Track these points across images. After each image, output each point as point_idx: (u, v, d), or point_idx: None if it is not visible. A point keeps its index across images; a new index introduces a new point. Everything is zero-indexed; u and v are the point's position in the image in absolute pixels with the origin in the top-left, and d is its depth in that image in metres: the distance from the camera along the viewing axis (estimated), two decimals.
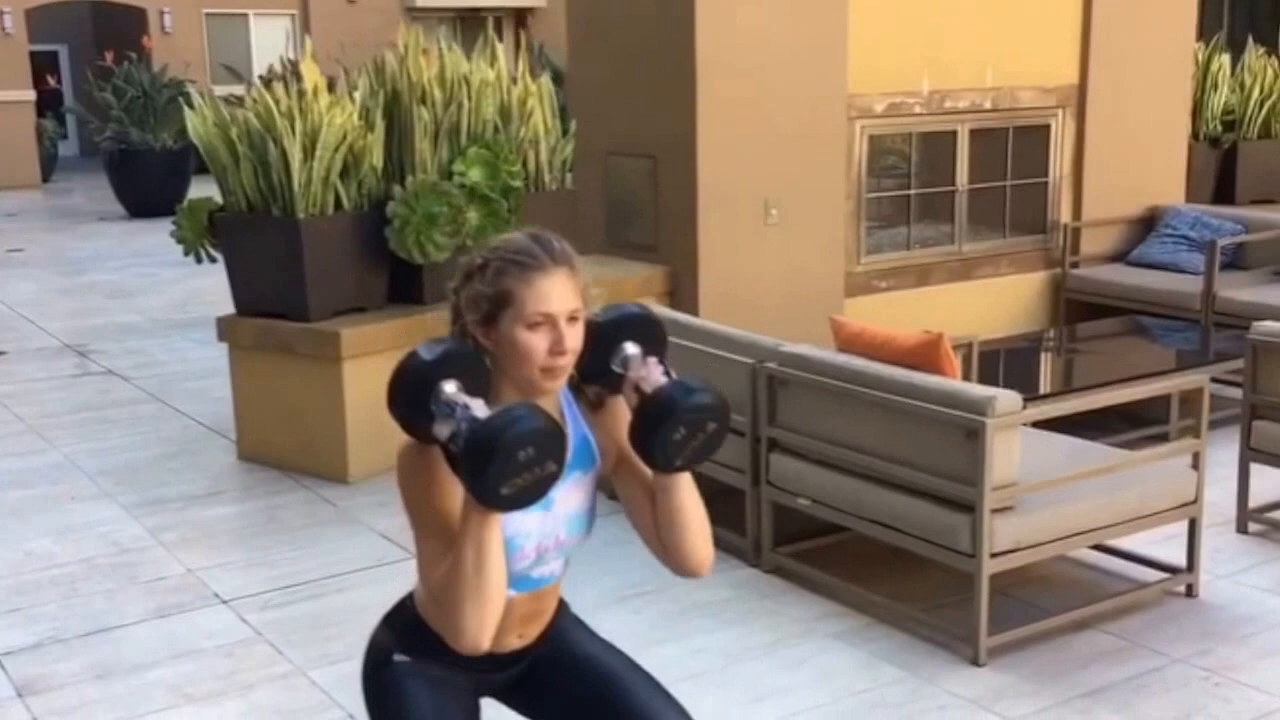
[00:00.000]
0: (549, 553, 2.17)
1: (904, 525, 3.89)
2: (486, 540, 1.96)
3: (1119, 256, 7.66)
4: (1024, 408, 3.75)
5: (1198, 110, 8.17)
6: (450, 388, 1.99)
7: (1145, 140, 7.79)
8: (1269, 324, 4.61)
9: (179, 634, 4.15)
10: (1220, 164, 8.47)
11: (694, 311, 6.39)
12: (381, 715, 2.29)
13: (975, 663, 3.72)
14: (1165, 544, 4.23)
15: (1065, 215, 7.63)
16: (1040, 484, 3.77)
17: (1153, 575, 4.18)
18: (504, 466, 1.87)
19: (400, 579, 4.48)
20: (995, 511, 3.66)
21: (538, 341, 2.05)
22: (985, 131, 7.32)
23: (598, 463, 2.21)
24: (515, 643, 2.24)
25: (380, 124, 5.71)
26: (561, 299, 2.05)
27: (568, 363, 2.08)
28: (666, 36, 6.46)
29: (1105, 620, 3.96)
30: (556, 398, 2.17)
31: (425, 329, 5.75)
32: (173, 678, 3.85)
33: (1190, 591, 4.13)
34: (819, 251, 6.78)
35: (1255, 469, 4.61)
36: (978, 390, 3.71)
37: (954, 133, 7.24)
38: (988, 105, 7.26)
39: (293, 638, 4.09)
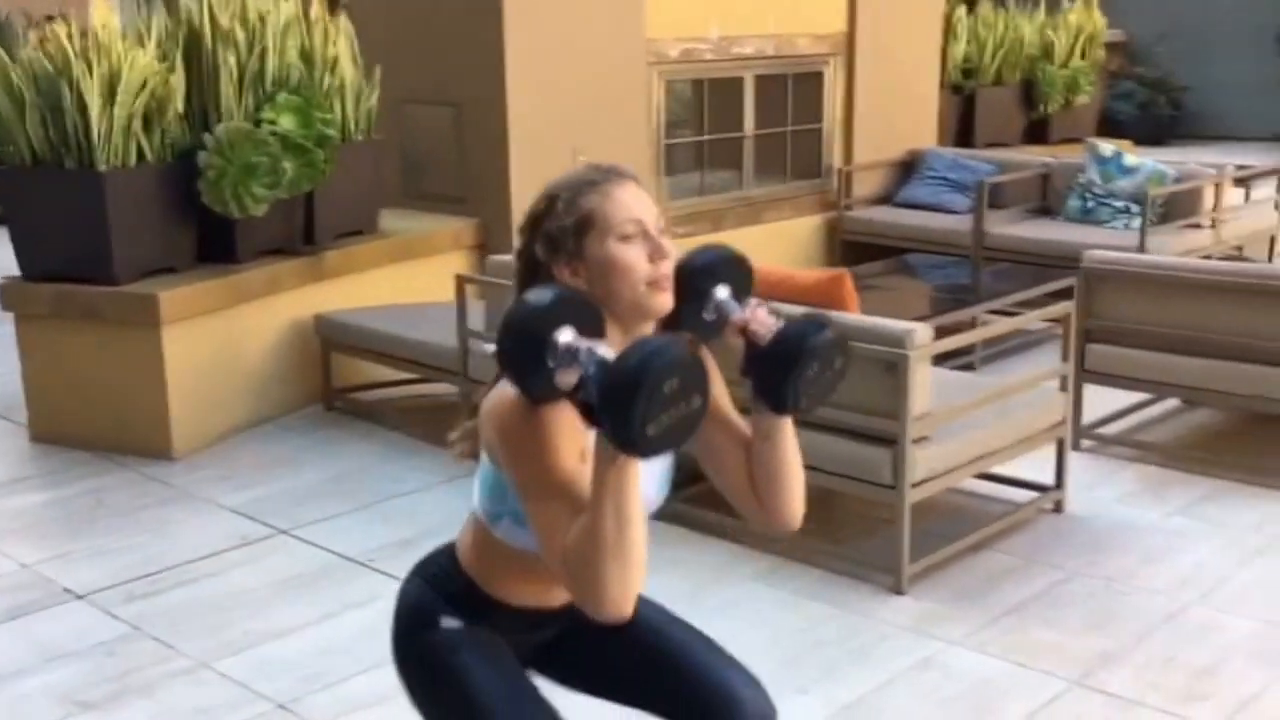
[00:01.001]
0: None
1: (821, 463, 3.84)
2: (627, 494, 1.74)
3: (886, 198, 7.92)
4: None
5: (942, 60, 8.51)
6: (567, 335, 1.76)
7: (904, 87, 8.06)
8: (1100, 253, 4.85)
9: (43, 636, 3.65)
10: (961, 110, 8.88)
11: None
12: (433, 684, 2.07)
13: (898, 591, 3.75)
14: (1022, 464, 4.37)
15: (838, 160, 7.81)
16: (950, 413, 3.82)
17: (1022, 495, 4.33)
18: (650, 403, 1.65)
19: (275, 554, 4.18)
20: (914, 442, 3.69)
21: (635, 254, 1.89)
22: (769, 78, 7.39)
23: None
24: (562, 596, 2.03)
25: (180, 67, 5.17)
26: (646, 207, 1.94)
27: (670, 271, 1.91)
28: None
29: (995, 541, 4.07)
30: None
31: (246, 288, 5.30)
32: (56, 684, 3.38)
33: (1058, 508, 4.30)
34: None
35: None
36: (896, 324, 3.70)
37: (741, 79, 7.26)
38: (770, 52, 7.32)
39: (179, 629, 3.67)
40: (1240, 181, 7.54)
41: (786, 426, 1.98)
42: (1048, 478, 4.31)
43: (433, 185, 6.60)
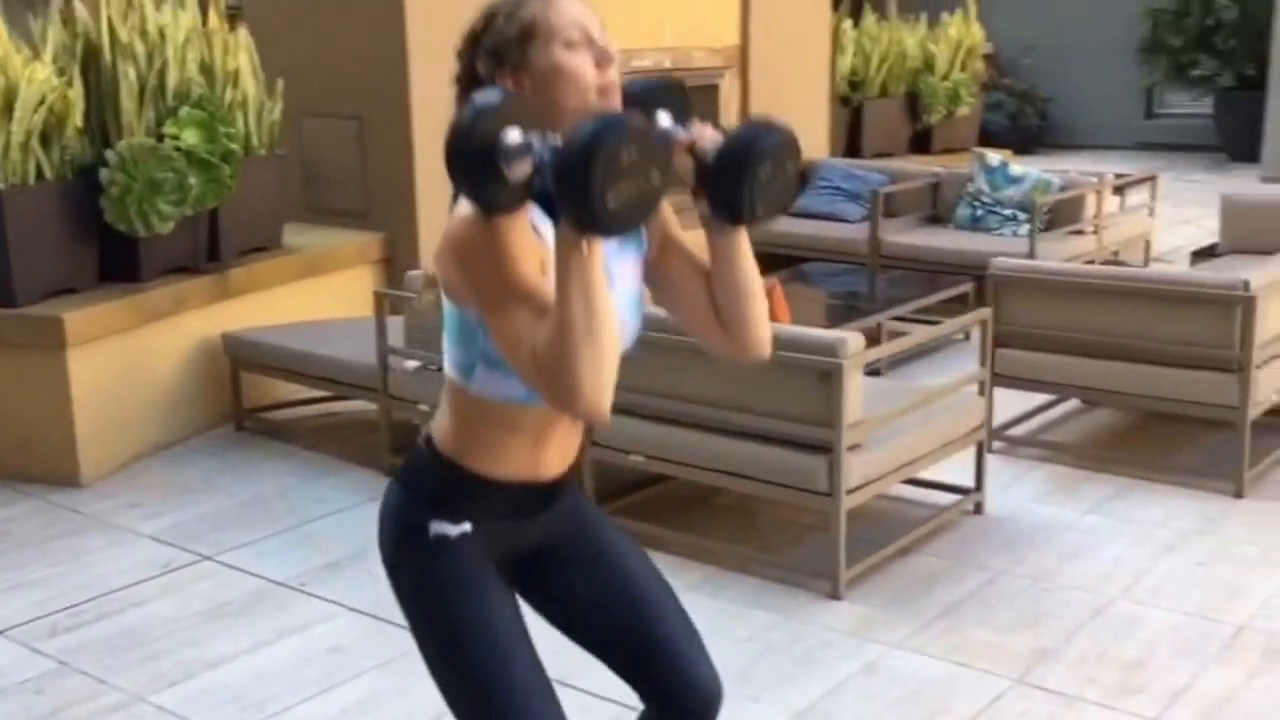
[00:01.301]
0: None
1: (755, 471, 3.87)
2: (593, 278, 1.69)
3: None
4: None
5: (831, 72, 8.65)
6: (515, 134, 1.71)
7: (796, 99, 8.15)
8: (1006, 260, 4.96)
9: None
10: (849, 121, 9.03)
11: None
12: (421, 613, 1.98)
13: (836, 597, 3.78)
14: (942, 468, 4.44)
15: None
16: (881, 420, 3.87)
17: (943, 498, 4.40)
18: (607, 170, 1.61)
19: (201, 581, 4.04)
20: (849, 450, 3.72)
21: (581, 60, 1.86)
22: None
23: (644, 244, 2.00)
24: (556, 465, 2.00)
25: (79, 82, 4.98)
26: (589, 14, 1.90)
27: (616, 78, 1.88)
28: None
29: (922, 544, 4.13)
30: None
31: (151, 308, 5.13)
32: None
33: (978, 509, 4.39)
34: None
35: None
36: (828, 334, 3.74)
37: None
38: (668, 65, 7.33)
39: (108, 663, 3.53)
40: (1117, 189, 7.81)
41: (744, 245, 1.95)
42: (966, 480, 4.39)
43: (334, 199, 6.47)
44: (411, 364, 4.74)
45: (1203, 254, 6.78)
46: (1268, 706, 3.18)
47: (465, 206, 1.81)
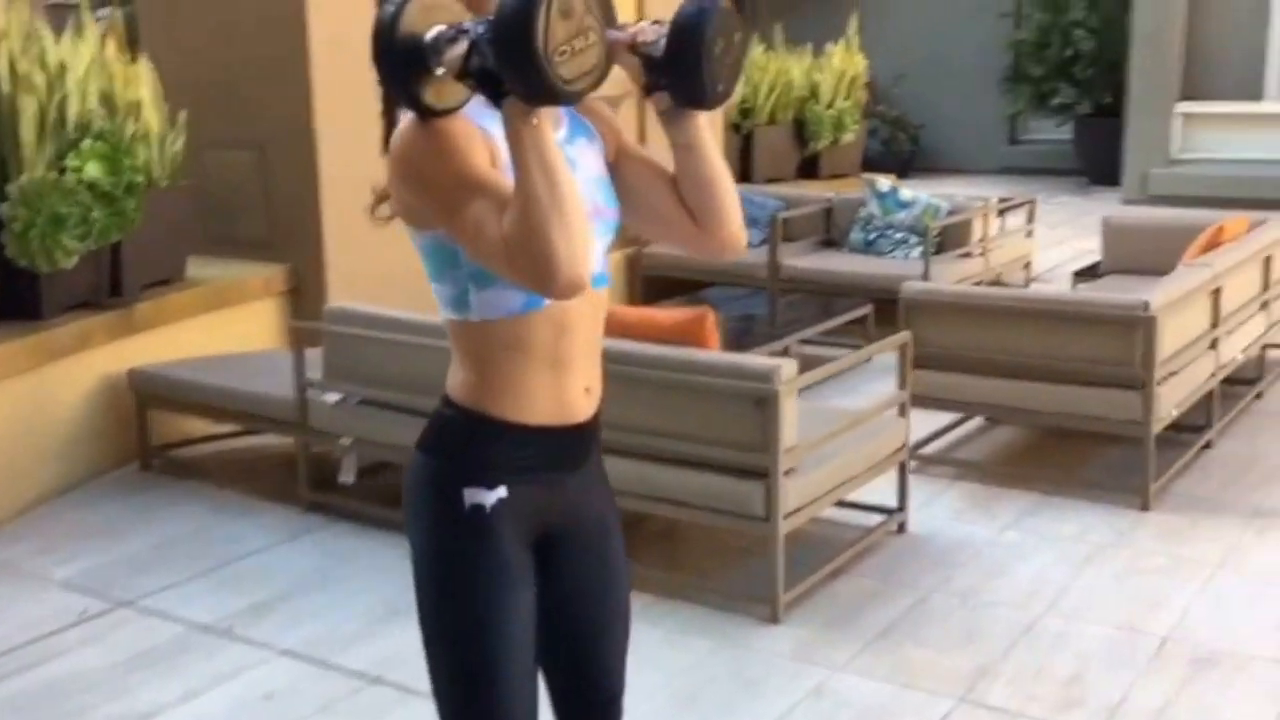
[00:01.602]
0: (592, 221, 1.82)
1: (691, 499, 3.81)
2: (549, 149, 1.65)
3: None
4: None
5: None
6: (436, 29, 1.67)
7: None
8: (917, 284, 5.01)
9: None
10: (741, 147, 9.07)
11: (322, 308, 5.92)
12: (454, 589, 1.88)
13: (774, 621, 3.74)
14: (865, 489, 4.44)
15: None
16: (814, 444, 3.85)
17: (866, 518, 4.40)
18: (548, 26, 1.56)
19: (122, 628, 3.83)
20: (785, 474, 3.69)
21: None
22: None
23: (596, 137, 1.93)
24: (582, 402, 1.90)
25: None
26: None
27: None
28: (271, 18, 5.89)
29: (852, 565, 4.12)
30: None
31: (54, 346, 4.88)
32: None
33: (902, 529, 4.40)
34: None
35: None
36: (764, 361, 3.71)
37: None
38: None
39: (31, 718, 3.31)
40: (999, 212, 7.97)
41: (708, 133, 1.89)
42: (888, 500, 4.40)
43: (237, 230, 6.24)
44: (332, 396, 4.59)
45: (1084, 274, 6.95)
46: (1200, 713, 3.23)
47: (402, 122, 1.77)
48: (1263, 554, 4.19)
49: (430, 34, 1.67)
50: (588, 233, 1.70)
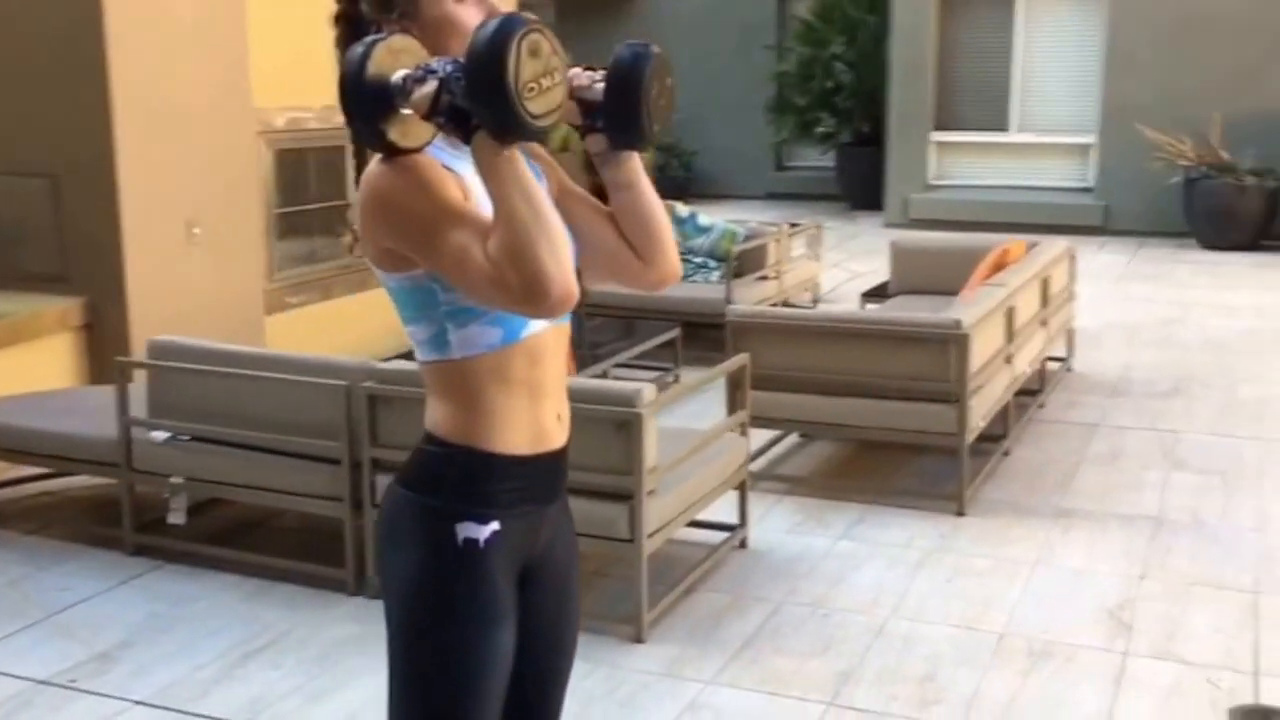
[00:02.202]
0: None
1: None
2: (524, 176, 1.71)
3: None
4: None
5: None
6: (402, 73, 1.72)
7: None
8: (741, 308, 5.20)
9: None
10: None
11: (124, 342, 5.68)
12: (438, 616, 1.87)
13: (639, 640, 3.82)
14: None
15: None
16: (672, 465, 3.96)
17: (711, 536, 4.53)
18: (518, 66, 1.62)
19: None
20: (648, 495, 3.79)
21: (471, 14, 1.86)
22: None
23: (544, 178, 1.98)
24: (556, 429, 1.94)
25: None
26: None
27: None
28: (67, 46, 5.61)
29: (703, 582, 4.25)
30: None
31: None
32: None
33: (743, 544, 4.56)
34: (240, 270, 6.32)
35: None
36: (625, 385, 3.79)
37: (343, 147, 7.07)
38: (322, 124, 7.18)
39: None
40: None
41: (641, 170, 1.97)
42: (728, 518, 4.56)
43: (24, 262, 5.90)
44: (159, 435, 4.41)
45: (872, 295, 7.36)
46: (1046, 701, 3.49)
47: (370, 166, 1.80)
48: (1070, 551, 4.55)
49: (397, 75, 1.70)
50: (569, 249, 1.75)
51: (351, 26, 1.87)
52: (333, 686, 3.58)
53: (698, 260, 7.63)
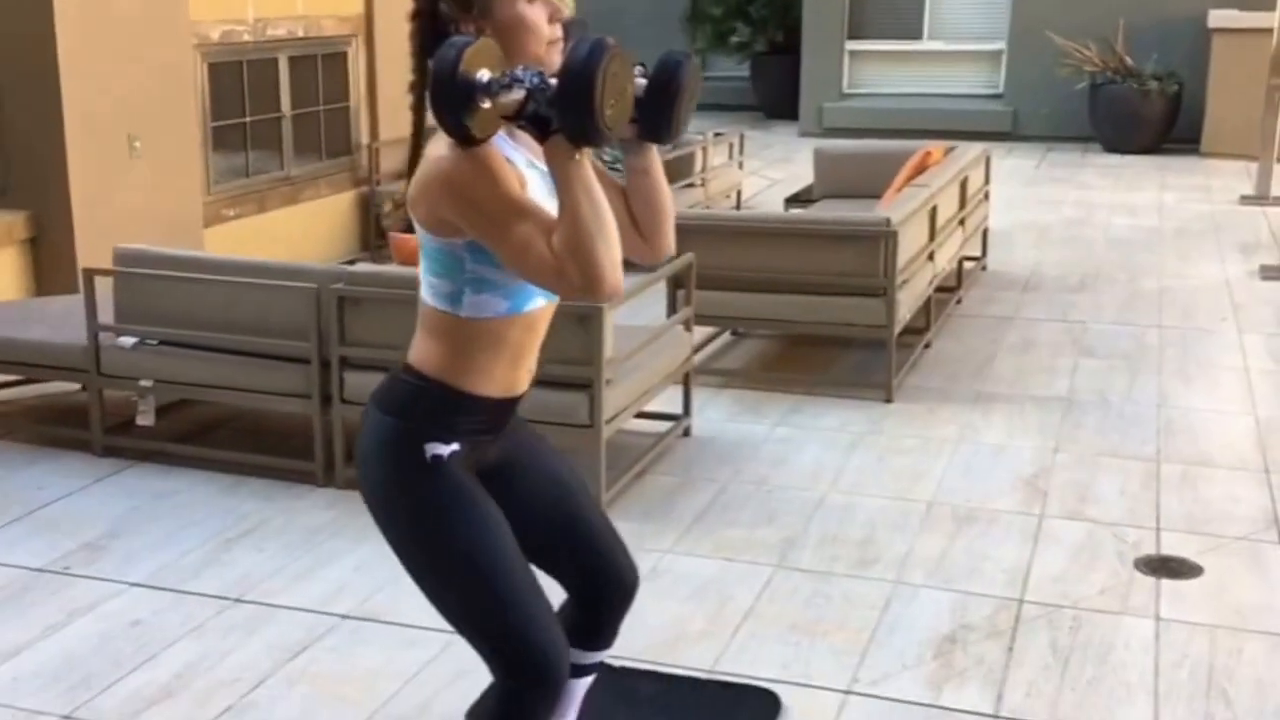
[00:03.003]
0: None
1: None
2: (591, 181, 1.97)
3: (409, 173, 8.15)
4: None
5: None
6: (487, 73, 1.95)
7: None
8: (680, 210, 5.47)
9: None
10: None
11: (70, 255, 5.83)
12: (432, 528, 2.17)
13: None
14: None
15: (366, 136, 7.95)
16: (628, 356, 4.27)
17: (656, 426, 4.86)
18: (604, 86, 1.89)
19: None
20: (606, 384, 4.10)
21: (539, 13, 2.11)
22: (301, 59, 7.37)
23: None
24: (524, 380, 2.24)
25: None
26: None
27: (561, 33, 2.15)
28: None
29: (653, 466, 4.59)
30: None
31: None
32: None
33: (687, 433, 4.90)
34: (179, 184, 6.45)
35: None
36: None
37: (276, 60, 7.19)
38: (301, 33, 7.30)
39: None
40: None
41: (658, 159, 2.24)
42: (674, 408, 4.89)
43: None
44: (128, 340, 4.61)
45: (795, 200, 7.68)
46: (972, 557, 3.89)
47: (439, 147, 2.02)
48: (989, 430, 4.96)
49: (483, 76, 1.92)
50: (619, 245, 2.02)
51: (431, 23, 2.10)
52: (315, 565, 3.86)
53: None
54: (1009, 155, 11.68)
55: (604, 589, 2.44)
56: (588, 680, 2.50)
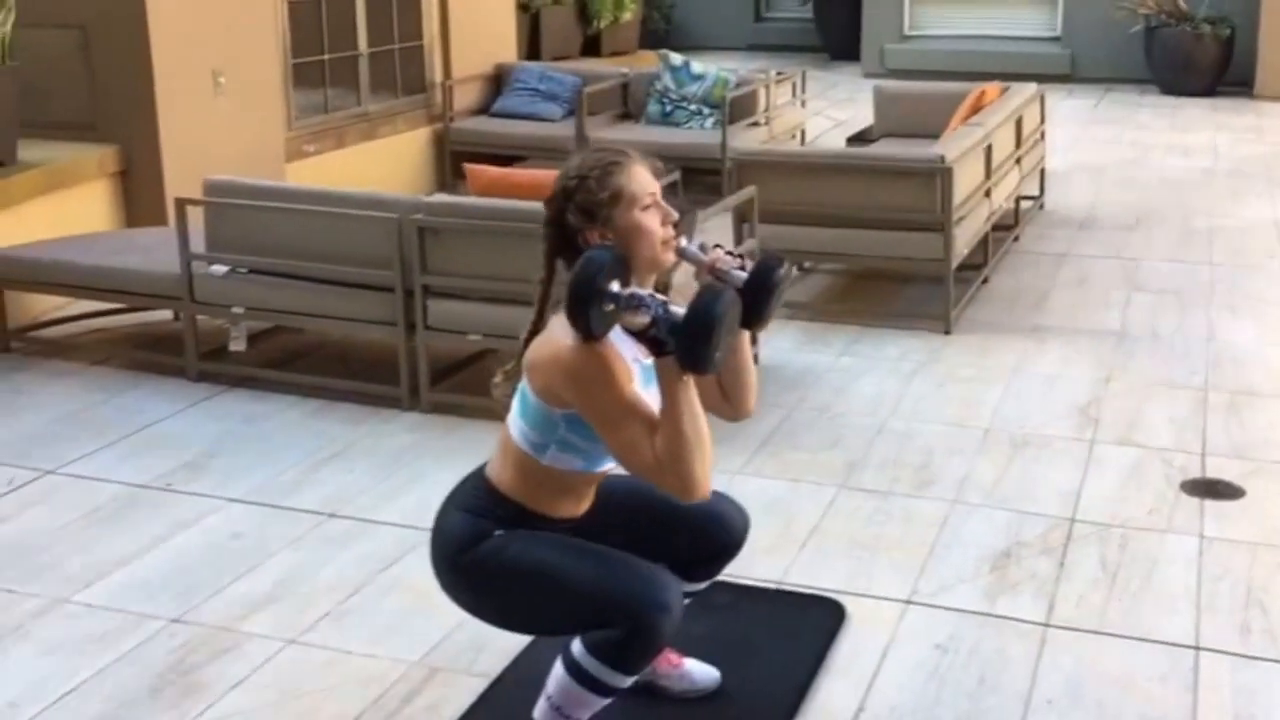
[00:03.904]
0: None
1: None
2: (695, 401, 2.24)
3: (484, 110, 8.25)
4: None
5: None
6: (616, 285, 2.21)
7: (486, 5, 8.38)
8: (744, 145, 5.52)
9: None
10: (530, 27, 9.32)
11: (159, 187, 5.97)
12: (499, 579, 2.39)
13: None
14: None
15: (439, 74, 8.03)
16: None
17: None
18: (723, 336, 2.16)
19: (59, 493, 4.29)
20: None
21: (653, 219, 2.33)
22: None
23: None
24: (587, 504, 2.50)
25: None
26: (655, 182, 2.37)
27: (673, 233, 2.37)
28: None
29: None
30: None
31: None
32: None
33: (755, 360, 4.89)
34: (261, 119, 6.57)
35: None
36: None
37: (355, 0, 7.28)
38: None
39: (8, 575, 3.48)
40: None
41: (747, 341, 2.47)
42: None
43: (55, 112, 6.11)
44: (220, 269, 4.74)
45: (856, 139, 7.67)
46: (1026, 480, 3.96)
47: (562, 333, 2.23)
48: (1044, 361, 5.00)
49: (616, 289, 2.19)
50: (710, 454, 2.23)
51: (559, 230, 2.33)
52: (402, 484, 4.00)
53: (692, 108, 7.90)
54: (1068, 97, 11.53)
55: (721, 544, 2.60)
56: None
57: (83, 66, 6.02)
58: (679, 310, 2.19)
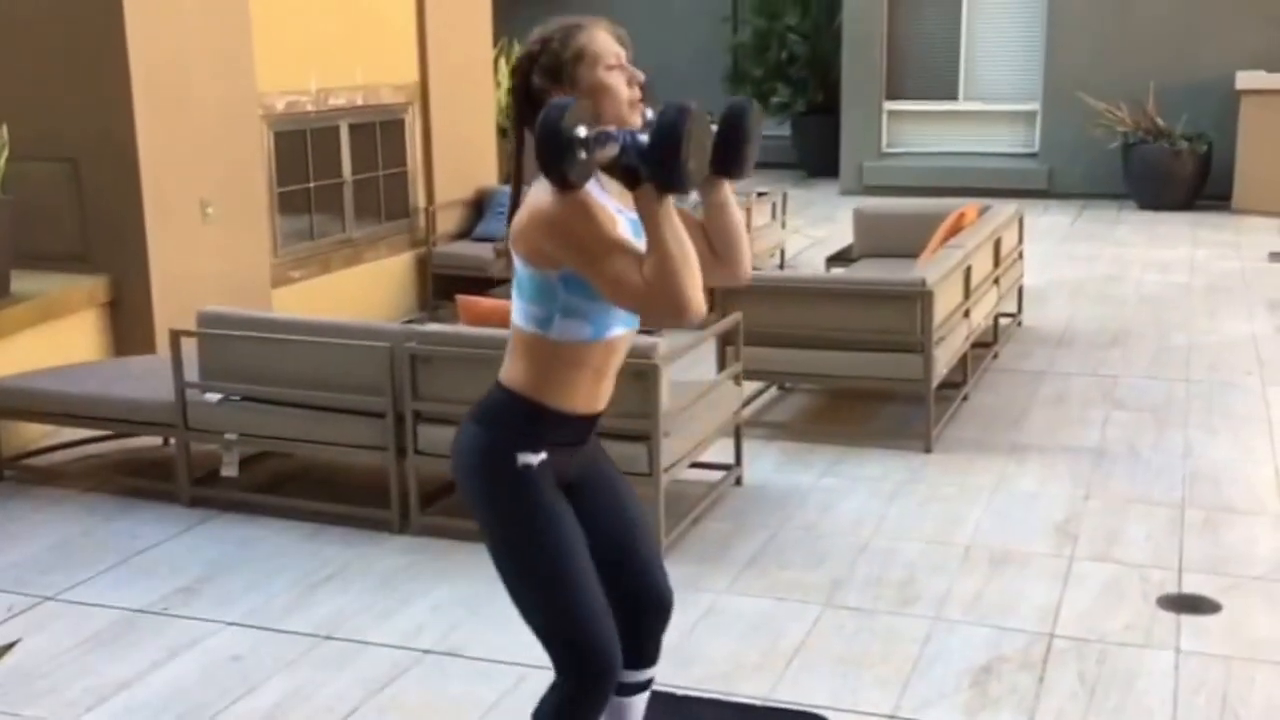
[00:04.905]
0: None
1: None
2: (675, 221, 2.32)
3: (465, 234, 8.63)
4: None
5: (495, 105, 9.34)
6: (584, 129, 2.29)
7: (469, 131, 8.81)
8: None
9: None
10: (514, 151, 9.72)
11: (148, 317, 6.26)
12: (519, 532, 2.52)
13: None
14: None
15: (423, 200, 8.41)
16: (683, 408, 4.63)
17: (709, 475, 5.21)
18: (689, 145, 2.24)
19: (58, 619, 4.45)
20: (664, 436, 4.46)
21: (618, 79, 2.46)
22: (360, 127, 7.85)
23: None
24: (603, 400, 2.57)
25: None
26: (620, 46, 2.51)
27: (639, 94, 2.50)
28: (90, 38, 6.15)
29: (708, 514, 4.94)
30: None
31: None
32: None
33: (739, 481, 5.25)
34: (248, 247, 6.90)
35: None
36: (642, 340, 4.45)
37: (338, 128, 7.67)
38: (360, 102, 7.79)
39: (11, 698, 3.67)
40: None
41: (731, 194, 2.56)
42: (724, 459, 5.25)
43: (47, 243, 6.43)
44: (214, 396, 5.01)
45: (836, 259, 8.05)
46: (1006, 596, 4.21)
47: (541, 193, 2.38)
48: (1023, 478, 5.29)
49: (583, 132, 2.28)
50: (700, 273, 2.38)
51: (525, 93, 2.46)
52: (396, 606, 4.23)
53: None
54: (1045, 213, 12.03)
55: (645, 608, 2.75)
56: (640, 700, 2.82)
57: (74, 199, 6.36)
58: (645, 138, 2.30)
